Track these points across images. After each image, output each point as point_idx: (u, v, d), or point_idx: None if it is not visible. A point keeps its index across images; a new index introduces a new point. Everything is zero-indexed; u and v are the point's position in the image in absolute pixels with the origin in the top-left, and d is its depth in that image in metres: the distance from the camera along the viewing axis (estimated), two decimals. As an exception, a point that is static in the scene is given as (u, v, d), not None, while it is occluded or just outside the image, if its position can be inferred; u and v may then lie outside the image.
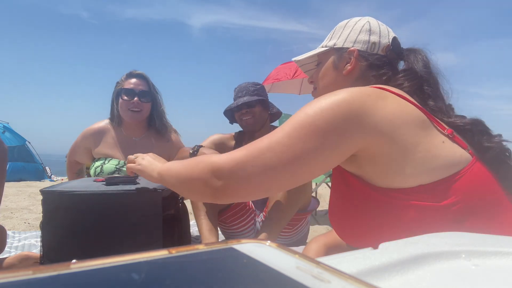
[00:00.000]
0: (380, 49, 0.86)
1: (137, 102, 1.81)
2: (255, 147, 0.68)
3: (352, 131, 0.66)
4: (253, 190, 0.70)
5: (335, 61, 0.88)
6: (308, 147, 0.65)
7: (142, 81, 1.86)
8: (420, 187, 0.65)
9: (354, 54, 0.85)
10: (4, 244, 1.38)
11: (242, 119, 1.80)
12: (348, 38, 0.87)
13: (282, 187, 0.70)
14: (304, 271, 0.18)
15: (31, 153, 8.57)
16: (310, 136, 0.65)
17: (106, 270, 0.17)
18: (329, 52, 0.90)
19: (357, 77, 0.86)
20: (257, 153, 0.67)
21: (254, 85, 1.84)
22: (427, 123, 0.69)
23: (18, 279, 0.16)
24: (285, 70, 4.78)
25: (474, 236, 0.32)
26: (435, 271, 0.24)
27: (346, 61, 0.86)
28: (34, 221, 2.69)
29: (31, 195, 4.11)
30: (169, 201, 1.33)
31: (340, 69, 0.87)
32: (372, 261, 0.24)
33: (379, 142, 0.66)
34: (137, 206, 1.19)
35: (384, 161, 0.67)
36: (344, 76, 0.87)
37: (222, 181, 0.69)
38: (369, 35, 0.86)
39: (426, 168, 0.65)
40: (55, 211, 1.17)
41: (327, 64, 0.90)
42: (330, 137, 0.65)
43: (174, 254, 0.20)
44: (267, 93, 1.92)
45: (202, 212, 1.54)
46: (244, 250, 0.21)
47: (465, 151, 0.68)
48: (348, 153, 0.68)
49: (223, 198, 0.71)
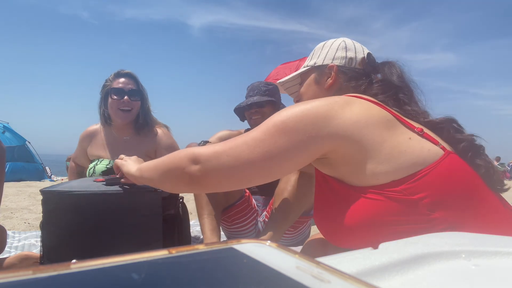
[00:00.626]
0: (357, 63, 0.95)
1: (127, 101, 1.81)
2: (233, 141, 0.75)
3: (319, 133, 0.71)
4: (225, 180, 0.75)
5: (317, 77, 0.97)
6: (279, 145, 0.71)
7: (131, 80, 1.86)
8: (392, 182, 0.69)
9: (334, 69, 0.94)
10: (4, 244, 1.38)
11: (251, 118, 1.82)
12: (327, 56, 0.97)
13: (252, 181, 0.75)
14: (304, 271, 0.18)
15: (31, 153, 8.57)
16: (280, 135, 0.71)
17: (106, 270, 0.17)
18: (310, 71, 1.00)
19: (336, 90, 0.94)
20: (233, 145, 0.74)
21: (267, 85, 1.85)
22: (393, 122, 0.74)
23: (18, 279, 0.16)
24: (284, 70, 4.78)
25: (474, 236, 0.32)
26: (435, 271, 0.24)
27: (327, 76, 0.95)
28: (34, 221, 2.69)
29: (31, 195, 4.11)
30: (169, 201, 1.33)
31: (322, 83, 0.96)
32: (372, 261, 0.24)
33: (346, 144, 0.71)
34: (137, 206, 1.19)
35: (354, 161, 0.72)
36: (325, 90, 0.95)
37: (198, 167, 0.74)
38: (346, 51, 0.96)
39: (394, 164, 0.69)
40: (55, 211, 1.17)
41: (309, 81, 1.00)
42: (299, 137, 0.71)
43: (174, 254, 0.20)
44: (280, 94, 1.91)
45: (206, 211, 1.53)
46: (244, 250, 0.21)
47: (435, 146, 0.72)
48: (317, 153, 0.74)
49: (196, 185, 0.77)
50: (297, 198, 1.50)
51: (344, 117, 0.72)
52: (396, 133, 0.72)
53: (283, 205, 1.51)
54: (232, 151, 0.73)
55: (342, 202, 0.76)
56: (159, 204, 1.21)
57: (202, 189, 0.80)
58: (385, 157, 0.70)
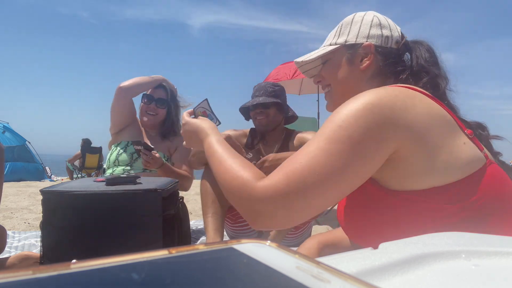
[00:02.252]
0: (393, 43, 0.85)
1: (153, 107, 2.09)
2: (295, 172, 0.63)
3: (388, 136, 0.63)
4: (296, 216, 0.64)
5: (349, 57, 0.86)
6: (349, 163, 0.62)
7: (162, 90, 2.14)
8: (433, 189, 0.64)
9: (371, 49, 0.83)
10: (4, 244, 1.38)
11: (256, 118, 1.83)
12: (360, 33, 0.85)
13: (323, 208, 0.66)
14: (304, 271, 0.18)
15: (31, 153, 8.56)
16: (349, 151, 0.62)
17: (106, 270, 0.17)
18: (339, 50, 0.87)
19: (373, 73, 0.85)
20: (298, 177, 0.62)
21: (273, 86, 1.87)
22: (452, 123, 0.68)
23: (18, 279, 0.16)
24: (284, 70, 4.78)
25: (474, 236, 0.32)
26: (435, 271, 0.24)
27: (361, 57, 0.84)
28: (34, 221, 2.69)
29: (31, 195, 4.11)
30: (169, 201, 1.33)
31: (356, 64, 0.85)
32: (372, 261, 0.24)
33: (409, 145, 0.64)
34: (137, 206, 1.19)
35: (405, 164, 0.65)
36: (361, 72, 0.85)
37: (262, 207, 0.64)
38: (381, 29, 0.85)
39: (444, 170, 0.64)
40: (55, 211, 1.17)
41: (339, 61, 0.87)
42: (368, 146, 0.63)
43: (174, 254, 0.20)
44: (286, 95, 1.95)
45: (211, 210, 1.53)
46: (244, 250, 0.21)
47: (481, 153, 0.67)
48: (385, 158, 0.65)
49: (259, 224, 0.67)
50: None
51: (411, 115, 0.64)
52: (454, 137, 0.66)
53: None
54: (300, 186, 0.61)
55: (376, 205, 0.70)
56: (159, 204, 1.21)
57: (266, 227, 0.68)
58: (440, 163, 0.64)
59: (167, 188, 1.29)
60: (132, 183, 1.26)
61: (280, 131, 1.90)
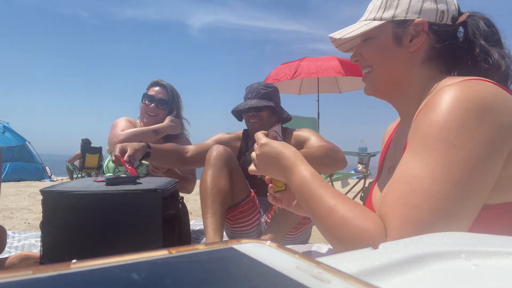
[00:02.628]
0: (449, 19, 0.73)
1: (154, 108, 2.07)
2: (423, 222, 0.52)
3: (507, 142, 0.56)
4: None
5: (397, 36, 0.74)
6: (475, 187, 0.54)
7: (163, 91, 2.12)
8: (508, 204, 0.58)
9: (424, 27, 0.71)
10: (4, 244, 1.39)
11: (249, 121, 1.81)
12: (411, 8, 0.73)
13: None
14: (304, 271, 0.18)
15: (31, 153, 8.57)
16: (474, 174, 0.53)
17: (106, 270, 0.17)
18: (385, 26, 0.75)
19: (425, 57, 0.74)
20: (428, 227, 0.52)
21: (266, 87, 1.80)
22: None
23: (18, 279, 0.16)
24: (285, 70, 4.78)
25: (474, 236, 0.32)
26: (435, 271, 0.24)
27: (411, 36, 0.73)
28: (34, 221, 2.69)
29: (31, 195, 4.11)
30: (169, 201, 1.33)
31: (405, 45, 0.73)
32: (372, 261, 0.24)
33: None
34: (137, 206, 1.19)
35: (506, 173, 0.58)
36: (410, 54, 0.74)
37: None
38: (435, 3, 0.72)
39: None
40: (55, 211, 1.17)
41: (385, 40, 0.75)
42: (492, 161, 0.55)
43: (174, 254, 0.20)
44: (280, 96, 1.89)
45: (210, 210, 1.53)
46: (244, 250, 0.21)
47: None
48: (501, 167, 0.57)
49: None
50: None
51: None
52: None
53: None
54: (437, 222, 0.52)
55: None
56: (159, 204, 1.21)
57: None
58: None
59: (167, 188, 1.29)
60: (132, 183, 1.26)
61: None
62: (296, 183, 0.70)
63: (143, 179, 1.40)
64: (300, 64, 4.61)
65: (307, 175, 0.68)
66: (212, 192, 1.54)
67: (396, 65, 0.75)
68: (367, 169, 4.61)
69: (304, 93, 5.56)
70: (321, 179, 0.68)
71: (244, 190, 1.68)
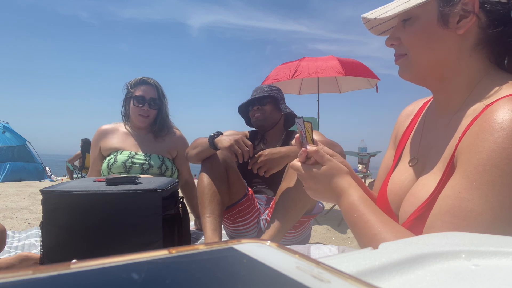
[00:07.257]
0: None
1: (146, 109, 2.04)
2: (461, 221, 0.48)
3: None
4: None
5: (443, 15, 0.63)
6: None
7: (153, 89, 2.06)
8: None
9: (474, 5, 0.60)
10: (4, 244, 1.38)
11: (254, 115, 1.89)
12: None
13: None
14: (304, 271, 0.18)
15: (31, 153, 8.56)
16: None
17: (106, 270, 0.17)
18: (429, 4, 0.64)
19: (476, 42, 0.63)
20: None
21: (270, 86, 1.96)
22: None
23: (18, 279, 0.16)
24: (284, 70, 4.78)
25: (474, 236, 0.32)
26: (435, 271, 0.24)
27: (459, 16, 0.62)
28: (34, 221, 2.69)
29: (31, 195, 4.11)
30: (169, 201, 1.33)
31: (452, 26, 0.63)
32: (372, 261, 0.24)
33: None
34: (137, 206, 1.19)
35: None
36: (458, 37, 0.63)
37: None
38: None
39: None
40: (55, 211, 1.17)
41: (429, 20, 0.65)
42: None
43: (174, 254, 0.20)
44: (283, 95, 2.02)
45: (208, 210, 1.53)
46: (244, 250, 0.21)
47: None
48: None
49: None
50: (300, 198, 1.50)
51: None
52: None
53: (285, 204, 1.51)
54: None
55: None
56: (159, 204, 1.21)
57: None
58: None
59: (167, 188, 1.29)
60: (132, 183, 1.27)
61: (280, 131, 1.94)
62: (345, 206, 0.68)
63: (143, 179, 1.40)
64: (300, 64, 4.61)
65: (356, 199, 0.66)
66: (210, 192, 1.54)
67: (442, 51, 0.65)
68: (367, 169, 4.61)
69: (304, 93, 5.56)
70: (370, 203, 0.65)
71: (242, 189, 1.69)
